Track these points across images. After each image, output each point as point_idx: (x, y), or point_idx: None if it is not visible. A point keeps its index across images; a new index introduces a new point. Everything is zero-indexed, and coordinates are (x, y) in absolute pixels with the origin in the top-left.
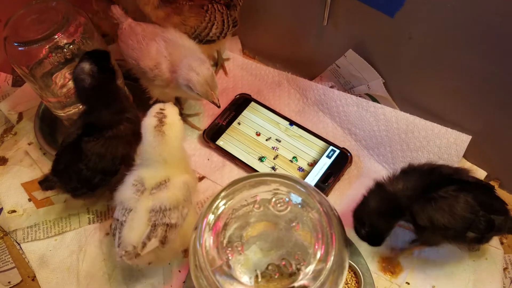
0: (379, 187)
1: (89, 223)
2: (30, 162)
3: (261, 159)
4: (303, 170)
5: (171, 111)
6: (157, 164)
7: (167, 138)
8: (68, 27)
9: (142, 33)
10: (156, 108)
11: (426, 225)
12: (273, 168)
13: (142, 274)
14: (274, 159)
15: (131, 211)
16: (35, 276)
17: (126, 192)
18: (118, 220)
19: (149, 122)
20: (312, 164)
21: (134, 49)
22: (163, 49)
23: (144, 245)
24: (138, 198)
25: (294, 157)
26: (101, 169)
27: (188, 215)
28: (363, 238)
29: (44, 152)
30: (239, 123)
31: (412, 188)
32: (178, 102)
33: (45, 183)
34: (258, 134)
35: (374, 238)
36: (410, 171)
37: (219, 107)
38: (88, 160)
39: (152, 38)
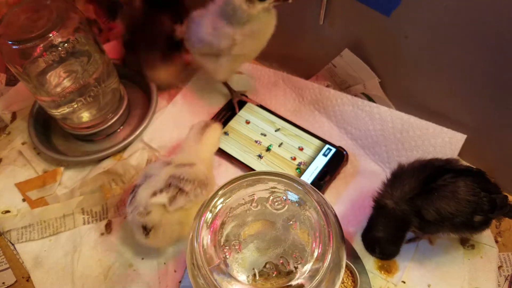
0: (380, 208)
1: (84, 224)
2: (24, 162)
3: (258, 156)
4: (299, 168)
5: (217, 127)
6: (190, 152)
7: (204, 138)
8: (63, 26)
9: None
10: (207, 120)
11: (435, 218)
12: (261, 157)
13: (137, 274)
14: (270, 157)
15: (152, 176)
16: (29, 277)
17: (154, 165)
18: (136, 185)
19: (199, 123)
20: (308, 163)
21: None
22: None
23: (154, 194)
24: (163, 167)
25: (290, 156)
26: None
27: (197, 204)
28: (377, 257)
29: (38, 152)
30: (235, 122)
31: (409, 191)
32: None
33: None
34: (253, 133)
35: (387, 258)
36: (401, 173)
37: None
38: None
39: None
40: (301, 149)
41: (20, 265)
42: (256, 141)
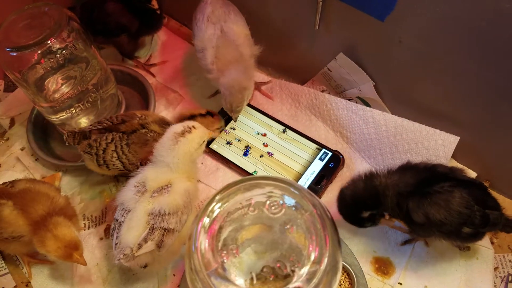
0: (370, 177)
1: (84, 229)
2: (23, 167)
3: (255, 162)
4: (296, 172)
5: (199, 131)
6: (163, 165)
7: (178, 148)
8: (61, 33)
9: (210, 15)
10: (190, 122)
11: (422, 222)
12: (254, 159)
13: (136, 278)
14: (268, 162)
15: (130, 212)
16: (28, 282)
17: (127, 193)
18: (117, 220)
19: (175, 127)
20: (305, 167)
21: (196, 25)
22: (214, 40)
23: (140, 246)
24: (138, 198)
25: (287, 160)
26: None
27: (188, 222)
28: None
29: (37, 158)
30: (232, 127)
31: (405, 184)
32: None
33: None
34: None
35: (346, 217)
36: (407, 168)
37: (235, 121)
38: None
39: (215, 21)
40: (298, 153)
41: (20, 270)
42: (254, 145)
